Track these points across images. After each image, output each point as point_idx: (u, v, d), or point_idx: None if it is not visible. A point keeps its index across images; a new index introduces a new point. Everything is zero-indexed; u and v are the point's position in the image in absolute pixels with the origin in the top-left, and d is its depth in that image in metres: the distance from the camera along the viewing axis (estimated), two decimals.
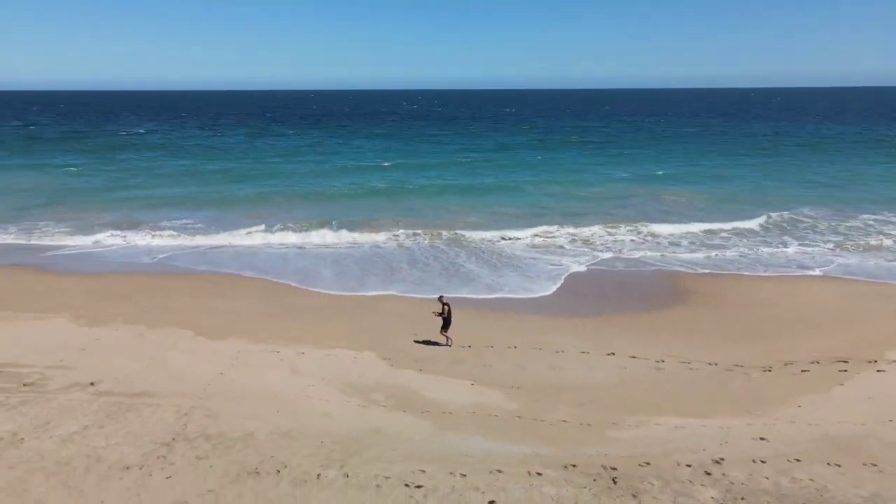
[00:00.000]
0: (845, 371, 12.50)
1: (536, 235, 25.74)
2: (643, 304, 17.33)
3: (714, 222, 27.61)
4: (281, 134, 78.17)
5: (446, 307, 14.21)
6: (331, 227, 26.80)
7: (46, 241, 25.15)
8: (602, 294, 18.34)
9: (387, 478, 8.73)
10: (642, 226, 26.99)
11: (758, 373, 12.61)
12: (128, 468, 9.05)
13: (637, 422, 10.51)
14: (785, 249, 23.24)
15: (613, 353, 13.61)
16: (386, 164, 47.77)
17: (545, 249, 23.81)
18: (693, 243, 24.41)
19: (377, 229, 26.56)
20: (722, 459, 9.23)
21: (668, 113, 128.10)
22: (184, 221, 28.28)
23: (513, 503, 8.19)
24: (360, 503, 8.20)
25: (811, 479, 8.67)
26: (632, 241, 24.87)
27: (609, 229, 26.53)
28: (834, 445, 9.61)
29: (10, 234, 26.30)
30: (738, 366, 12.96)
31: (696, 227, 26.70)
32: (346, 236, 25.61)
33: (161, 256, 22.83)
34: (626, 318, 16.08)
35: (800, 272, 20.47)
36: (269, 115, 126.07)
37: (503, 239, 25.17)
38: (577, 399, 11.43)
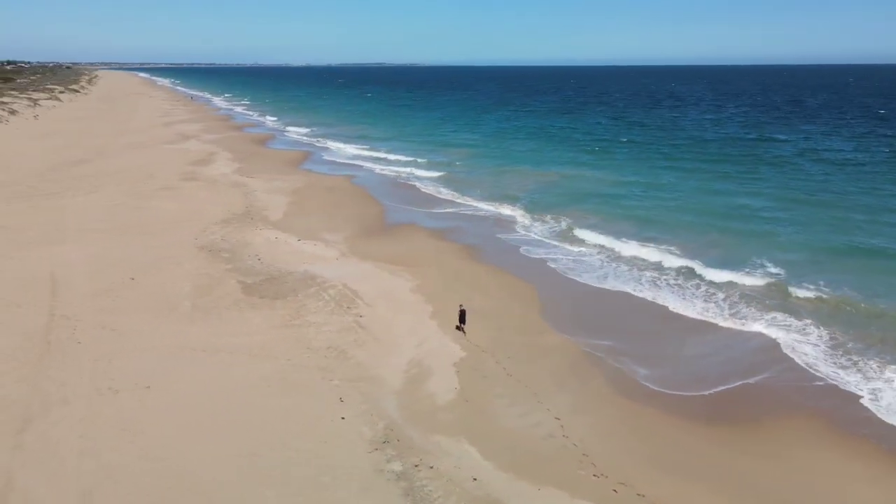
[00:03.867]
0: None
1: None
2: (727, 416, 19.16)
3: None
4: None
5: (463, 312, 23.12)
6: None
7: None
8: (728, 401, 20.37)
9: (337, 381, 19.50)
10: None
11: (621, 488, 15.94)
12: (308, 346, 22.66)
13: (464, 441, 17.31)
14: None
15: (559, 419, 18.64)
16: None
17: None
18: None
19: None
20: (432, 468, 15.92)
21: None
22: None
23: (352, 416, 17.89)
24: (304, 380, 19.45)
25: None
26: None
27: None
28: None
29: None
30: (621, 484, 16.33)
31: None
32: None
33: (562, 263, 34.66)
34: (665, 414, 19.15)
35: None
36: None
37: None
38: (469, 418, 18.44)
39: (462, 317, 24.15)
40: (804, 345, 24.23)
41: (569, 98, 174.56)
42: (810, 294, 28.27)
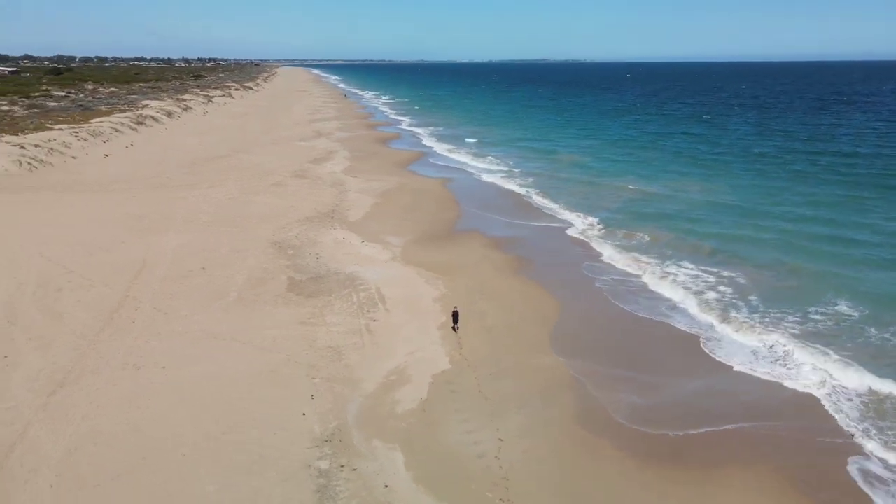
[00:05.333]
0: None
1: None
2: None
3: None
4: None
5: (456, 313, 25.29)
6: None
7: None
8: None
9: (318, 379, 21.36)
10: None
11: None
12: (311, 345, 24.77)
13: (397, 449, 18.41)
14: None
15: (502, 440, 19.07)
16: None
17: None
18: None
19: None
20: (355, 470, 17.24)
21: None
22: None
23: (312, 413, 19.69)
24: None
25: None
26: None
27: None
28: None
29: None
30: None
31: None
32: None
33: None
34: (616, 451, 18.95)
35: None
36: None
37: None
38: (415, 429, 19.42)
39: (455, 318, 26.08)
40: (832, 400, 22.24)
41: (723, 100, 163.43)
42: (871, 347, 25.47)
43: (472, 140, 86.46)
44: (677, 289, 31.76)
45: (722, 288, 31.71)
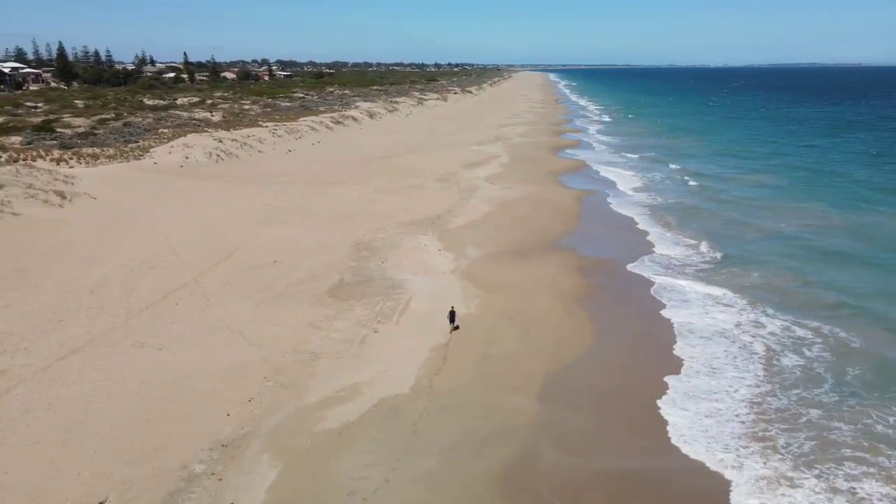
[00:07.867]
0: None
1: None
2: None
3: None
4: None
5: (453, 312, 26.11)
6: None
7: None
8: None
9: (271, 382, 21.48)
10: None
11: None
12: (295, 347, 24.96)
13: (278, 468, 17.79)
14: None
15: (388, 481, 17.30)
16: None
17: None
18: None
19: None
20: (220, 480, 16.95)
21: None
22: None
23: (237, 414, 19.92)
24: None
25: None
26: None
27: None
28: None
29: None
30: None
31: None
32: None
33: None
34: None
35: None
36: None
37: None
38: (314, 450, 18.48)
39: (452, 317, 26.35)
40: None
41: None
42: None
43: (637, 155, 79.30)
44: (753, 342, 26.06)
45: (813, 352, 25.26)
